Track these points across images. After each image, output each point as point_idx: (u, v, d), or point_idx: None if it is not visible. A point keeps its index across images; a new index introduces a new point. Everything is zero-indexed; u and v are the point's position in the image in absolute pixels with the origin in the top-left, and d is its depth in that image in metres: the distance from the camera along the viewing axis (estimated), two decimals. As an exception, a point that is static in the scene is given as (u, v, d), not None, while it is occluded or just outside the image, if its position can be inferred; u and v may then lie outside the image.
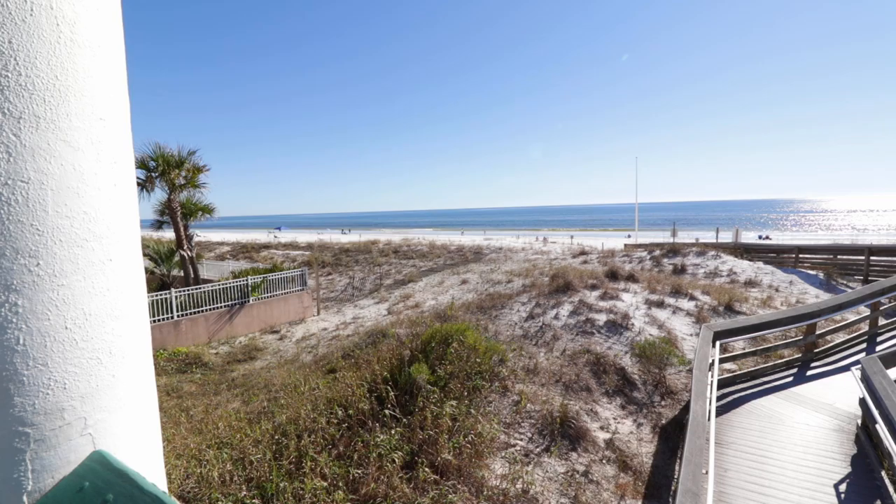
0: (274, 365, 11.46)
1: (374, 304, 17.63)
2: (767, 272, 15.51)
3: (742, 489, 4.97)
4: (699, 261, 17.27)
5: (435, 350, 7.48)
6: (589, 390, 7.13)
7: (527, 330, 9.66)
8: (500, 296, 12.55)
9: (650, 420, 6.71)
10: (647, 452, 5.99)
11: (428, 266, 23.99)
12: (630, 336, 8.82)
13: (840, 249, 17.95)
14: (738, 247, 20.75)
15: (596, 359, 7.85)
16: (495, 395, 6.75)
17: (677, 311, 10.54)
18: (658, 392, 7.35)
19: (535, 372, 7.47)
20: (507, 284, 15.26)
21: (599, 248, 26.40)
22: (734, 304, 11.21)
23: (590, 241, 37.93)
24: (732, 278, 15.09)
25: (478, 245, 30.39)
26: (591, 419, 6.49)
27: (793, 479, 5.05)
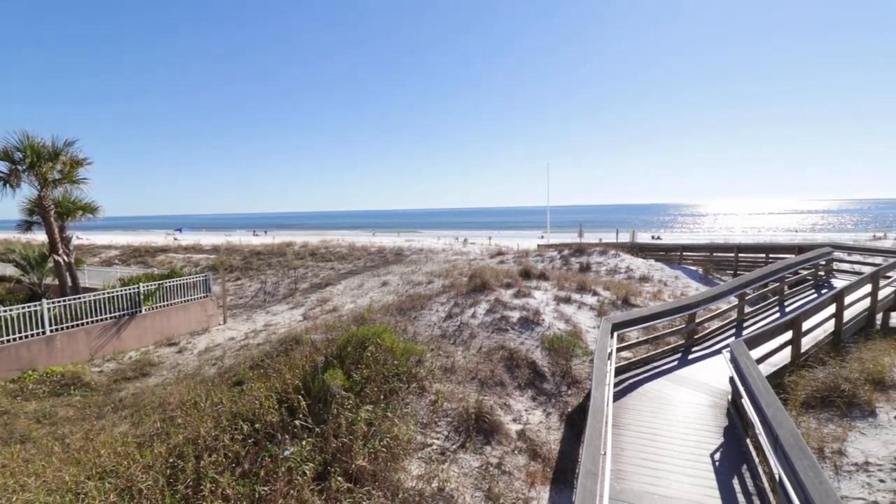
0: (171, 381, 10.41)
1: (288, 309, 16.76)
2: (658, 269, 17.30)
3: (637, 466, 5.44)
4: (602, 259, 18.76)
5: (351, 355, 7.29)
6: (503, 385, 7.40)
7: (445, 330, 9.79)
8: (420, 297, 12.58)
9: (558, 409, 7.13)
10: (555, 440, 6.36)
11: (347, 269, 23.39)
12: (541, 331, 9.31)
13: (715, 248, 20.60)
14: (635, 246, 22.89)
15: (510, 354, 8.17)
16: (413, 396, 6.73)
17: (582, 306, 11.34)
18: (565, 382, 7.84)
19: (453, 370, 7.58)
20: (427, 285, 15.35)
21: (515, 248, 27.59)
22: (630, 297, 12.33)
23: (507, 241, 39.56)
24: (629, 275, 16.60)
25: (399, 247, 30.25)
26: (504, 412, 6.74)
27: (678, 452, 5.64)
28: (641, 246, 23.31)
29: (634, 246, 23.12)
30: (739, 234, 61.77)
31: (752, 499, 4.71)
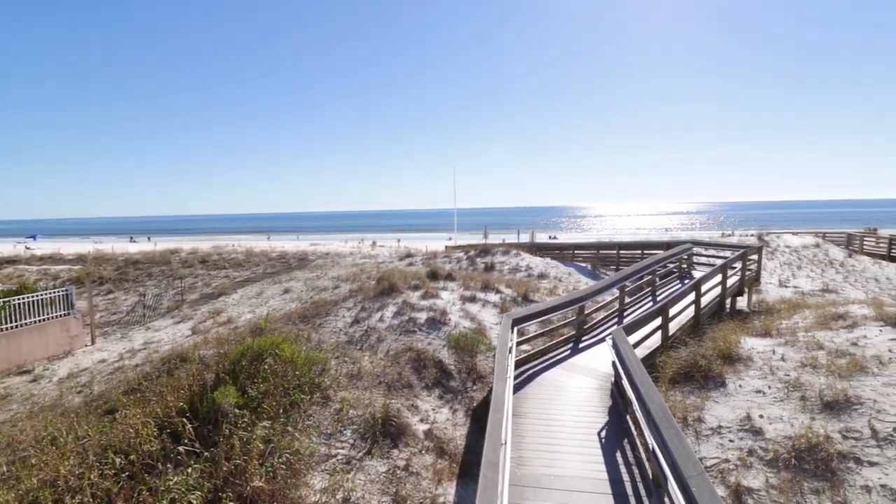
0: (22, 416, 8.77)
1: (173, 324, 15.09)
2: (554, 266, 18.66)
3: (536, 451, 5.78)
4: (505, 259, 19.73)
5: (246, 369, 6.76)
6: (410, 386, 7.42)
7: (352, 335, 9.55)
8: (325, 303, 12.13)
9: (464, 405, 7.34)
10: (461, 435, 6.53)
11: (244, 276, 21.75)
12: (447, 330, 9.51)
13: (601, 246, 22.80)
14: (534, 246, 24.46)
15: (417, 355, 8.22)
16: (316, 407, 6.46)
17: (486, 304, 11.82)
18: (471, 378, 8.10)
19: (359, 376, 7.42)
20: (333, 290, 14.85)
21: (424, 250, 27.89)
22: (529, 294, 13.14)
23: (416, 243, 39.85)
24: (529, 273, 17.68)
25: (303, 251, 28.89)
26: (412, 414, 6.76)
27: (571, 433, 6.11)
28: (539, 246, 24.97)
29: (534, 246, 24.69)
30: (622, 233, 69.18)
31: (631, 468, 5.26)
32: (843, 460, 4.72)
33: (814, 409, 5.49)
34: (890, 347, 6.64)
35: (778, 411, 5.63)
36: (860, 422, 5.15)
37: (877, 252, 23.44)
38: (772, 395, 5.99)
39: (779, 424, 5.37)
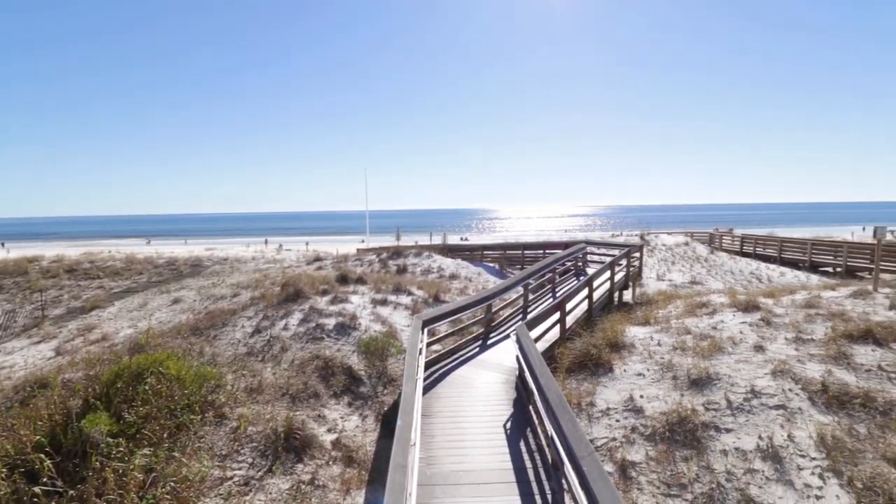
0: None
1: (31, 344, 12.87)
2: (464, 267, 19.20)
3: (446, 448, 5.87)
4: (417, 261, 19.84)
5: (122, 391, 5.97)
6: (317, 396, 7.12)
7: (252, 346, 8.91)
8: (222, 312, 11.17)
9: (374, 410, 7.22)
10: (370, 441, 6.41)
11: (124, 286, 19.29)
12: (357, 335, 9.29)
13: (508, 247, 23.94)
14: (446, 247, 24.92)
15: (325, 363, 7.92)
16: (210, 427, 5.91)
17: (398, 306, 11.77)
18: (382, 382, 7.99)
19: (260, 390, 6.94)
20: (232, 299, 13.75)
21: (335, 253, 27.04)
22: (441, 294, 13.35)
23: (326, 247, 38.44)
24: (441, 273, 17.98)
25: (197, 257, 26.40)
26: (318, 424, 6.48)
27: (480, 428, 6.30)
28: (451, 247, 25.51)
29: (445, 247, 25.15)
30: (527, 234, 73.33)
31: (533, 455, 5.56)
32: (706, 429, 5.45)
33: (683, 386, 6.28)
34: (741, 329, 7.83)
35: (655, 391, 6.34)
36: (718, 395, 5.99)
37: (732, 248, 27.66)
38: (650, 377, 6.73)
39: (655, 402, 6.06)
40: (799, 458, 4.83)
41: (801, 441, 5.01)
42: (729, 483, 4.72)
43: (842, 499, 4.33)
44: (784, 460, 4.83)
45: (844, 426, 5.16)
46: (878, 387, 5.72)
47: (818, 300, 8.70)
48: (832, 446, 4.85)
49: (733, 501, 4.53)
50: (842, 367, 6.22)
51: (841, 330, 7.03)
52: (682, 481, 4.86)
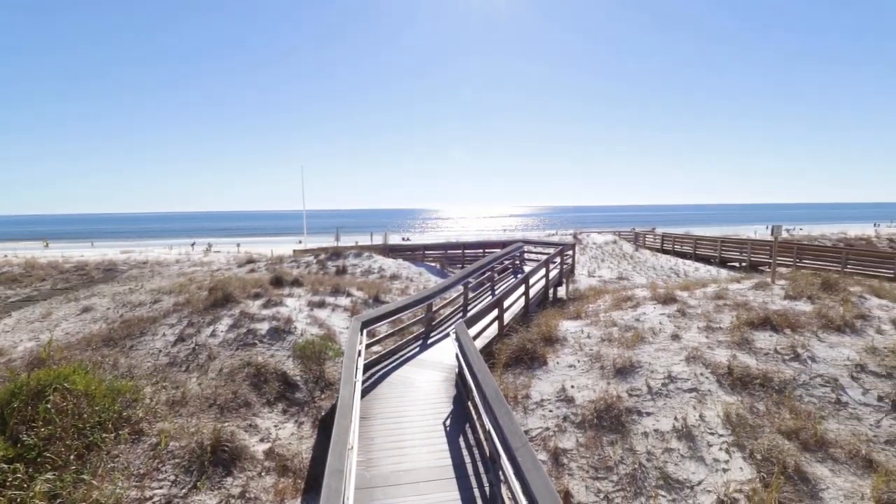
0: None
1: None
2: (405, 267, 19.13)
3: (386, 450, 5.81)
4: (357, 261, 19.48)
5: (20, 411, 5.33)
6: (249, 405, 6.77)
7: (175, 356, 8.30)
8: (141, 320, 10.30)
9: (311, 416, 7.00)
10: (307, 448, 6.20)
11: (23, 294, 17.22)
12: (293, 339, 8.96)
13: (449, 246, 24.19)
14: (387, 248, 24.70)
15: (257, 370, 7.55)
16: (126, 445, 5.43)
17: (336, 308, 11.49)
18: (319, 387, 7.76)
19: (184, 402, 6.48)
20: (152, 305, 12.70)
21: (269, 255, 25.85)
22: (381, 295, 13.21)
23: (260, 248, 36.63)
24: (381, 274, 17.79)
25: (111, 260, 24.17)
26: (250, 434, 6.17)
27: (420, 427, 6.31)
28: (392, 247, 25.32)
29: (386, 247, 24.93)
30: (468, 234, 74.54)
31: (472, 450, 5.67)
32: (630, 414, 5.85)
33: (609, 375, 6.68)
34: (660, 321, 8.46)
35: (584, 381, 6.70)
36: (640, 381, 6.45)
37: (654, 246, 29.87)
38: (580, 368, 7.10)
39: (585, 392, 6.40)
40: (709, 436, 5.31)
41: (710, 420, 5.52)
42: (649, 462, 5.10)
43: (744, 470, 4.82)
44: (696, 438, 5.30)
45: (747, 404, 5.76)
46: (775, 368, 6.44)
47: (726, 292, 9.62)
48: (736, 423, 5.39)
49: (653, 479, 4.90)
50: (745, 351, 6.92)
51: (744, 318, 7.82)
52: (609, 464, 5.17)
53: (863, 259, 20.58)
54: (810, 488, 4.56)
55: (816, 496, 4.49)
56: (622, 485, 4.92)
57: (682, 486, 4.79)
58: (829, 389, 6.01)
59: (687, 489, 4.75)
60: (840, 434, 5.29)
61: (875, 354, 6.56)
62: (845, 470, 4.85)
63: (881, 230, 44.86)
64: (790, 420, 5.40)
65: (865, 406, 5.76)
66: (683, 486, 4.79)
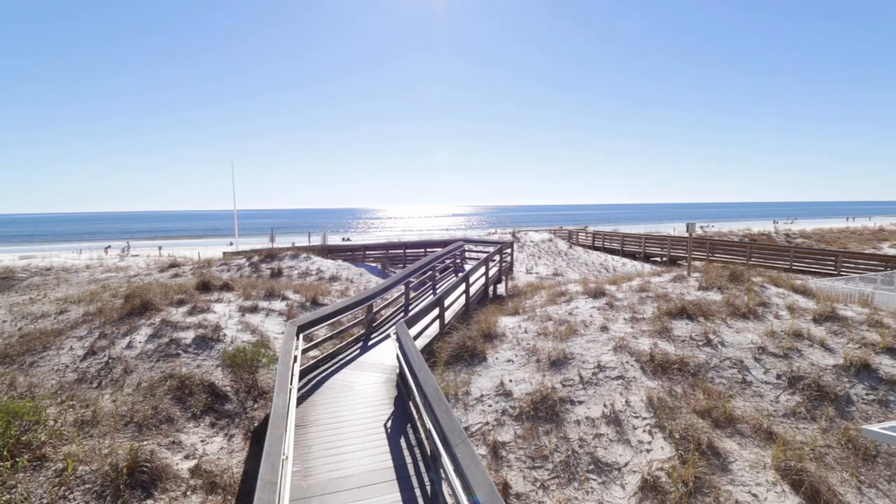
0: None
1: None
2: (345, 268, 18.70)
3: (324, 457, 5.63)
4: (294, 263, 18.74)
5: None
6: (171, 420, 6.28)
7: (85, 371, 7.51)
8: (43, 334, 9.21)
9: (243, 427, 6.63)
10: (238, 462, 5.87)
11: None
12: (222, 347, 8.44)
13: (390, 246, 23.97)
14: (326, 249, 24.00)
15: (181, 382, 7.02)
16: (24, 474, 4.83)
17: (271, 312, 10.98)
18: (251, 397, 7.37)
19: (95, 422, 5.88)
20: (57, 317, 11.40)
21: (196, 258, 24.19)
22: (319, 298, 12.80)
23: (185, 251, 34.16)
24: (320, 276, 17.25)
25: (7, 267, 21.48)
26: (173, 452, 5.73)
27: (360, 431, 6.18)
28: (332, 248, 24.64)
29: (325, 248, 24.22)
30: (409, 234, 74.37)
31: (413, 450, 5.64)
32: (563, 403, 6.11)
33: (545, 368, 6.95)
34: (591, 314, 8.93)
35: (522, 374, 6.91)
36: (573, 372, 6.76)
37: (586, 243, 31.50)
38: (518, 362, 7.32)
39: (522, 385, 6.60)
40: (634, 420, 5.68)
41: (635, 405, 5.90)
42: (581, 448, 5.36)
43: (665, 449, 5.21)
44: (623, 423, 5.65)
45: (666, 388, 6.22)
46: (690, 353, 7.02)
47: (648, 285, 10.34)
48: (658, 406, 5.81)
49: (584, 464, 5.16)
50: (665, 339, 7.48)
51: (664, 309, 8.45)
52: (545, 453, 5.37)
53: (764, 252, 23.04)
54: (721, 462, 5.02)
55: (726, 469, 4.95)
56: (557, 472, 5.13)
57: (610, 468, 5.08)
58: (737, 371, 6.65)
59: (615, 471, 5.05)
60: (746, 411, 5.87)
61: (774, 337, 7.35)
62: (750, 443, 5.39)
63: (779, 227, 50.49)
64: (704, 400, 5.91)
65: (766, 384, 6.44)
66: (612, 468, 5.08)
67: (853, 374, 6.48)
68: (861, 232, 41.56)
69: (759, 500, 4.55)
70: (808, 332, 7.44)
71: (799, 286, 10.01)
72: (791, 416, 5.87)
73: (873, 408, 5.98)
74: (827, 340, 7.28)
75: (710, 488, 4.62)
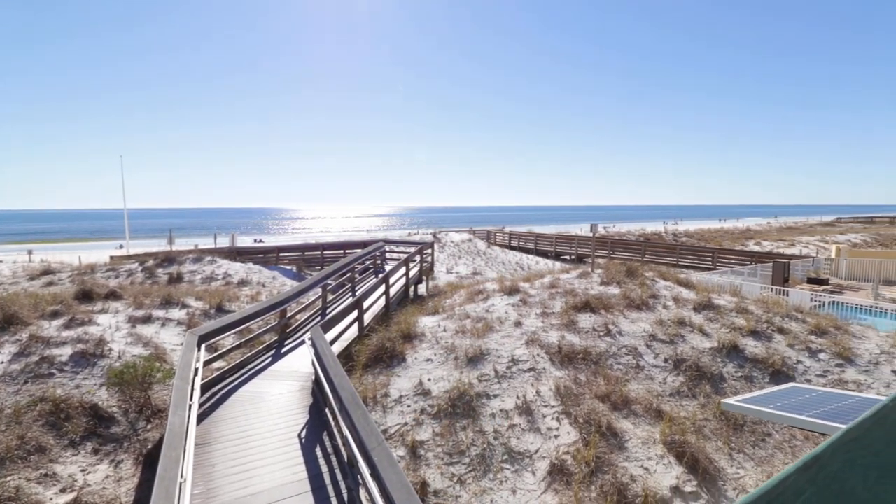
0: None
1: None
2: (256, 271, 17.58)
3: (230, 475, 5.23)
4: (196, 267, 17.23)
5: None
6: (44, 450, 5.44)
7: (-78, 401, 6.23)
8: None
9: (133, 452, 5.94)
10: (127, 490, 5.25)
11: None
12: (107, 364, 7.48)
13: (307, 248, 23.00)
14: (234, 251, 22.36)
15: (55, 406, 6.11)
16: None
17: (168, 322, 9.98)
18: (144, 417, 6.64)
19: (-64, 460, 4.90)
20: None
21: (77, 263, 21.24)
22: (226, 304, 11.90)
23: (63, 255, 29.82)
24: (227, 280, 16.04)
25: None
26: (45, 486, 4.97)
27: (272, 443, 5.84)
28: (241, 250, 23.04)
29: (234, 250, 22.57)
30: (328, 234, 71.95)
31: (330, 458, 5.47)
32: (479, 398, 6.30)
33: (462, 365, 7.11)
34: (506, 310, 9.30)
35: (441, 372, 7.00)
36: (489, 367, 6.99)
37: (503, 243, 32.80)
38: (437, 361, 7.41)
39: (441, 383, 6.69)
40: (544, 408, 6.02)
41: (545, 394, 6.26)
42: (496, 440, 5.56)
43: (570, 434, 5.59)
44: (534, 412, 5.96)
45: (572, 377, 6.68)
46: (593, 344, 7.60)
47: (558, 281, 11.03)
48: (564, 394, 6.22)
49: (499, 455, 5.36)
50: (571, 331, 8.03)
51: (571, 303, 9.07)
52: (462, 448, 5.50)
53: (656, 250, 25.69)
54: (618, 441, 5.50)
55: (623, 447, 5.43)
56: (473, 465, 5.27)
57: (522, 456, 5.34)
58: (632, 357, 7.33)
59: (527, 459, 5.31)
60: (639, 393, 6.49)
61: (662, 325, 8.22)
62: (643, 422, 5.97)
63: (668, 227, 56.60)
64: (604, 386, 6.44)
65: (656, 367, 7.18)
66: (524, 456, 5.34)
67: (725, 354, 7.47)
68: (732, 231, 48.09)
69: (649, 473, 5.06)
70: (689, 320, 8.43)
71: (683, 280, 11.31)
72: (676, 394, 6.61)
73: (741, 383, 6.94)
74: (705, 326, 8.30)
75: (608, 466, 5.05)
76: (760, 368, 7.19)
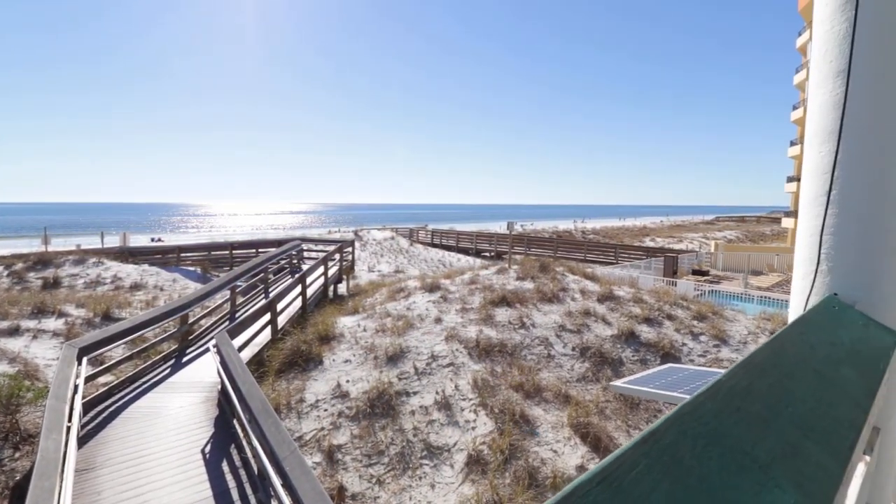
0: None
1: None
2: (153, 273, 15.91)
3: (119, 503, 4.70)
4: (78, 270, 15.16)
5: None
6: None
7: None
8: None
9: (-5, 486, 5.09)
10: (-15, 533, 4.49)
11: None
12: (-43, 386, 6.31)
13: (213, 247, 21.27)
14: (126, 251, 20.03)
15: None
16: None
17: (41, 334, 8.67)
18: (10, 444, 5.71)
19: None
20: None
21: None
22: (114, 311, 10.63)
23: None
24: (117, 284, 14.33)
25: None
26: None
27: (170, 463, 5.32)
28: (135, 250, 20.70)
29: (126, 251, 20.20)
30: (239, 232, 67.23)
31: (238, 472, 5.11)
32: (399, 396, 6.28)
33: (382, 364, 7.04)
34: (427, 307, 9.36)
35: (359, 373, 6.87)
36: (409, 365, 7.00)
37: (426, 241, 33.02)
38: (356, 361, 7.26)
39: (360, 384, 6.57)
40: (462, 402, 6.17)
41: (463, 388, 6.41)
42: (416, 437, 5.59)
43: (487, 425, 5.78)
44: (453, 406, 6.08)
45: (489, 369, 6.92)
46: (509, 336, 7.93)
47: (477, 278, 11.34)
48: (482, 387, 6.42)
49: (418, 451, 5.39)
50: (489, 325, 8.30)
51: (489, 298, 9.37)
52: (381, 448, 5.45)
53: (566, 246, 27.48)
54: (531, 427, 5.80)
55: (535, 433, 5.74)
56: (392, 464, 5.25)
57: (441, 451, 5.42)
58: (543, 347, 7.77)
59: (445, 452, 5.40)
60: (549, 380, 6.89)
61: (570, 316, 8.80)
62: (553, 407, 6.35)
63: (578, 225, 60.81)
64: (518, 376, 6.75)
65: (565, 356, 7.67)
66: (442, 450, 5.43)
67: (623, 340, 8.19)
68: (632, 229, 52.98)
69: (558, 455, 5.40)
70: (594, 310, 9.13)
71: (589, 273, 12.21)
72: (582, 380, 7.13)
73: (637, 366, 7.66)
74: (607, 316, 9.04)
75: (521, 452, 5.30)
76: (653, 352, 8.00)
